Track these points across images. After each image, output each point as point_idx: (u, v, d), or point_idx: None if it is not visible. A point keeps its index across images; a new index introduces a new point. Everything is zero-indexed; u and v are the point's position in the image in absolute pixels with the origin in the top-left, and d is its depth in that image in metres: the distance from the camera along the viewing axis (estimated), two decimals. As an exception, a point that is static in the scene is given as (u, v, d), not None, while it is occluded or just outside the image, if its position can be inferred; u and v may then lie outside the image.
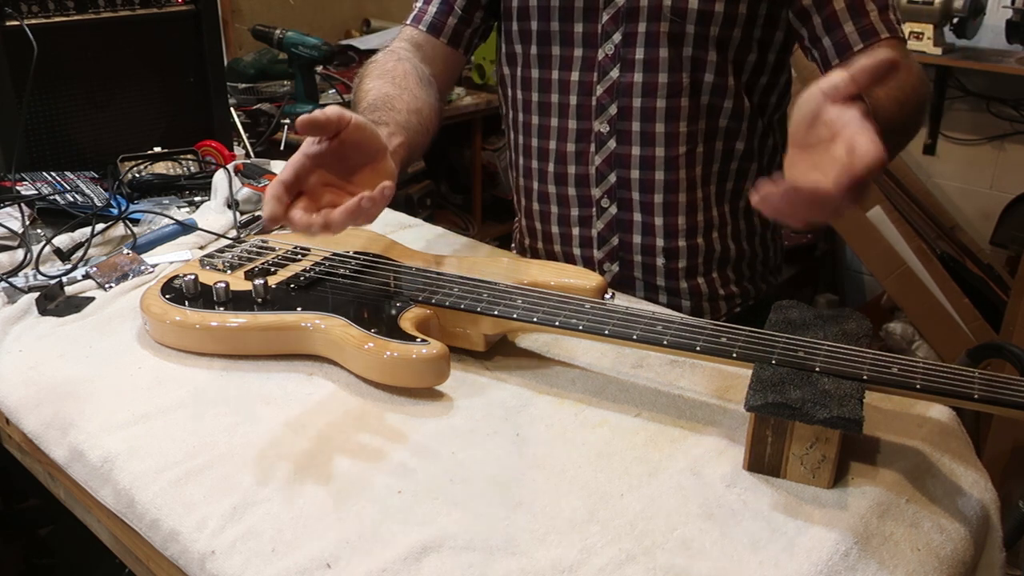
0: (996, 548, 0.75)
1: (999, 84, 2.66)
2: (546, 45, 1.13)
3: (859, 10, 1.00)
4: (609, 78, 1.09)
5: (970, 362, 0.82)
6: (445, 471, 0.75)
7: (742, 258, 1.18)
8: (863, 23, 1.00)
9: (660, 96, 1.07)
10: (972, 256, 2.72)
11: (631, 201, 1.13)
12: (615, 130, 1.10)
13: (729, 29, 1.03)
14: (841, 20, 1.01)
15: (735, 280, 1.18)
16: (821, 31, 1.02)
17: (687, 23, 1.03)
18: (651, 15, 1.04)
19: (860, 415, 0.69)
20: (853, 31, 1.00)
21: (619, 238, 1.15)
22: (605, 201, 1.14)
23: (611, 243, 1.16)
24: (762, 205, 0.70)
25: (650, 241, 1.14)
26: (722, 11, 1.02)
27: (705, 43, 1.04)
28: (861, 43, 1.00)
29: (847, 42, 1.01)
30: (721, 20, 1.02)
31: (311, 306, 0.92)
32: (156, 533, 0.72)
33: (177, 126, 1.52)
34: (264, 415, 0.82)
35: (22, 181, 1.29)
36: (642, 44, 1.06)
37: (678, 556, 0.66)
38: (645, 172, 1.10)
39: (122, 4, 1.42)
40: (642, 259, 1.15)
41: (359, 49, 2.78)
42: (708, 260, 1.15)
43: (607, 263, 1.17)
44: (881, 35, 1.00)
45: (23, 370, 0.91)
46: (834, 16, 1.01)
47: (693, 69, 1.05)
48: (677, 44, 1.05)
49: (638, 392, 0.86)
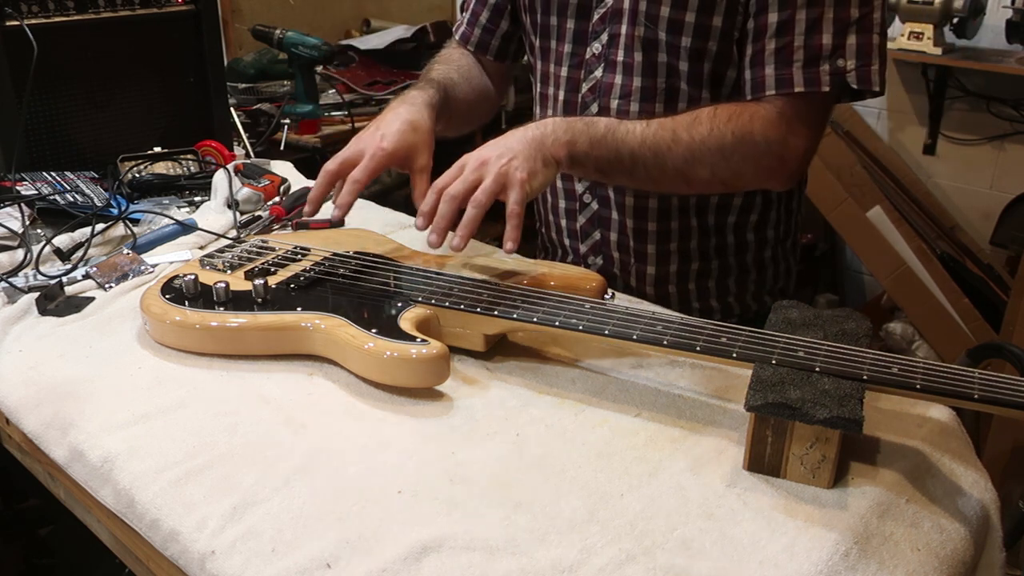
0: (996, 548, 0.75)
1: (999, 84, 2.66)
2: (546, 38, 1.15)
3: (785, 57, 0.97)
4: (593, 77, 1.10)
5: (970, 362, 0.82)
6: (445, 471, 0.75)
7: (728, 274, 1.17)
8: (782, 72, 0.97)
9: (634, 99, 1.07)
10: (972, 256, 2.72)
11: (609, 199, 1.14)
12: None
13: (703, 41, 1.02)
14: (765, 60, 0.98)
15: (717, 295, 1.17)
16: (747, 63, 1.00)
17: (659, 30, 1.03)
18: (630, 18, 1.05)
19: (860, 415, 0.69)
20: (772, 75, 0.98)
21: (600, 233, 1.17)
22: (587, 197, 1.16)
23: (593, 237, 1.18)
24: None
25: (624, 241, 1.15)
26: (692, 22, 1.01)
27: (677, 51, 1.03)
28: (774, 90, 0.97)
29: (762, 84, 0.99)
30: (692, 31, 1.01)
31: (311, 306, 0.92)
32: (156, 533, 0.72)
33: (177, 126, 1.52)
34: (264, 415, 0.82)
35: (22, 181, 1.29)
36: (622, 47, 1.06)
37: (678, 556, 0.66)
38: None
39: (122, 4, 1.42)
40: (619, 256, 1.16)
41: (359, 49, 2.78)
42: (682, 271, 1.15)
43: (591, 256, 1.19)
44: (794, 88, 0.97)
45: (23, 370, 0.91)
46: (760, 54, 0.98)
47: (668, 76, 1.05)
48: (651, 50, 1.05)
49: (638, 392, 0.86)
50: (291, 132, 2.29)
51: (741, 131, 0.97)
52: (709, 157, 0.98)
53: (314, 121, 2.32)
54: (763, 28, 0.98)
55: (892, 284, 2.53)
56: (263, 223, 1.24)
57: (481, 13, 1.25)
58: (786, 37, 0.97)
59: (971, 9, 2.52)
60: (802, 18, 0.96)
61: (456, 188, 0.93)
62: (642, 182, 1.03)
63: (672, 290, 1.15)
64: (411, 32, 2.81)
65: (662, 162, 0.98)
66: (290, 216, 1.28)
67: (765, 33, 0.98)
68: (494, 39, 1.25)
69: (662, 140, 0.98)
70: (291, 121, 2.30)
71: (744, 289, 1.18)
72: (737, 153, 0.98)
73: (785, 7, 0.96)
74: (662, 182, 1.02)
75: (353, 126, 2.36)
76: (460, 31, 1.29)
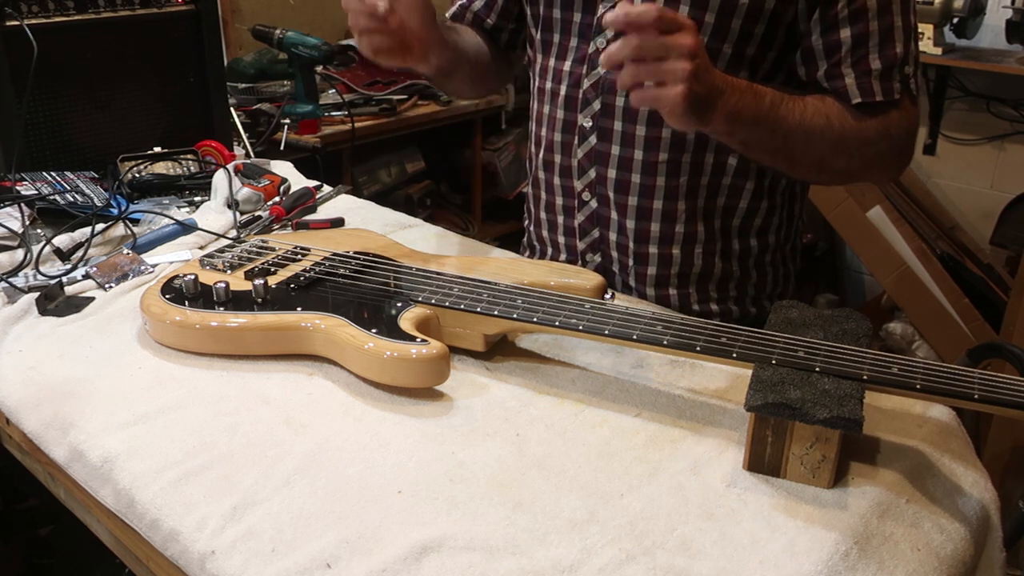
0: (996, 548, 0.75)
1: (999, 84, 2.65)
2: (549, 31, 1.14)
3: (863, 68, 0.99)
4: (596, 73, 1.09)
5: (970, 362, 0.82)
6: (445, 471, 0.75)
7: (729, 278, 1.16)
8: (863, 81, 0.99)
9: None
10: (972, 256, 2.72)
11: (608, 199, 1.13)
12: (597, 126, 1.10)
13: (718, 42, 1.01)
14: (843, 73, 0.99)
15: (716, 299, 1.16)
16: (821, 76, 1.01)
17: (708, 12, 1.00)
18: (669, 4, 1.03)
19: (860, 415, 0.69)
20: (853, 84, 0.99)
21: (598, 232, 1.16)
22: (586, 195, 1.15)
23: (592, 235, 1.17)
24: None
25: (624, 241, 1.14)
26: (712, 23, 1.00)
27: (721, 35, 1.01)
28: (860, 98, 0.99)
29: (845, 94, 1.00)
30: (710, 32, 1.01)
31: (311, 306, 0.92)
32: (156, 533, 0.72)
33: (177, 126, 1.52)
34: (264, 415, 0.82)
35: (22, 181, 1.29)
36: None
37: (678, 556, 0.66)
38: (622, 173, 1.10)
39: (122, 4, 1.42)
40: (617, 256, 1.16)
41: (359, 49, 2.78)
42: (684, 273, 1.14)
43: (589, 253, 1.18)
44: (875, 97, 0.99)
45: (23, 370, 0.91)
46: (837, 67, 0.99)
47: None
48: None
49: (638, 392, 0.86)
50: (291, 132, 2.28)
51: (883, 126, 0.99)
52: (853, 149, 1.00)
53: (314, 121, 2.32)
54: (836, 44, 0.99)
55: (892, 284, 2.53)
56: (263, 223, 1.24)
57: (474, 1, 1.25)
58: (861, 50, 0.98)
59: (971, 9, 2.51)
60: (875, 29, 0.98)
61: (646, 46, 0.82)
62: (779, 162, 1.02)
63: (672, 292, 1.15)
64: (411, 32, 2.81)
65: (809, 148, 0.98)
66: (290, 216, 1.28)
67: (840, 48, 0.99)
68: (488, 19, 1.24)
69: (815, 126, 0.97)
70: (291, 121, 2.30)
71: (744, 293, 1.18)
72: (878, 148, 1.01)
73: (857, 21, 0.98)
74: (797, 166, 1.03)
75: (353, 126, 2.36)
76: (451, 11, 1.27)
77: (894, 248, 2.50)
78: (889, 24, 0.97)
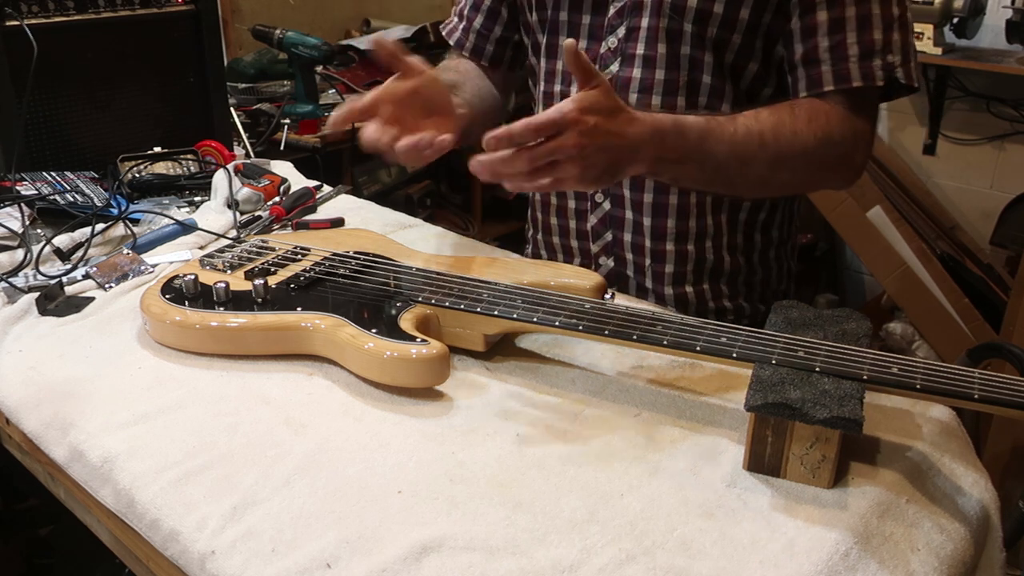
0: (996, 548, 0.75)
1: (999, 84, 2.66)
2: (554, 35, 1.14)
3: (840, 53, 0.98)
4: (609, 72, 1.09)
5: (970, 362, 0.82)
6: (445, 471, 0.75)
7: (738, 273, 1.16)
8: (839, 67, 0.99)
9: (656, 93, 1.07)
10: (972, 256, 2.72)
11: (623, 198, 1.13)
12: None
13: (728, 32, 1.02)
14: (820, 57, 0.99)
15: (728, 295, 1.17)
16: (798, 60, 1.01)
17: (684, 21, 1.03)
18: (653, 11, 1.04)
19: (860, 415, 0.69)
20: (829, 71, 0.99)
21: (612, 234, 1.16)
22: (599, 196, 1.15)
23: (605, 238, 1.16)
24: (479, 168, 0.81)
25: (640, 240, 1.14)
26: (721, 13, 1.01)
27: (702, 43, 1.03)
28: (833, 85, 0.99)
29: (820, 80, 1.00)
30: (720, 22, 1.02)
31: (311, 306, 0.92)
32: (156, 533, 0.72)
33: (177, 126, 1.52)
34: (264, 415, 0.82)
35: (22, 181, 1.29)
36: (643, 40, 1.06)
37: (678, 556, 0.66)
38: None
39: (122, 4, 1.42)
40: (633, 257, 1.15)
41: (359, 49, 2.78)
42: (698, 269, 1.14)
43: (602, 257, 1.18)
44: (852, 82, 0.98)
45: (23, 370, 0.91)
46: (814, 51, 1.00)
47: (690, 68, 1.05)
48: (675, 41, 1.04)
49: (638, 392, 0.86)
50: (291, 132, 2.29)
51: (822, 133, 0.98)
52: (792, 162, 0.99)
53: (314, 121, 2.32)
54: (813, 26, 0.99)
55: (892, 284, 2.53)
56: (263, 223, 1.24)
57: (475, 19, 1.24)
58: (839, 35, 0.98)
59: (971, 9, 2.51)
60: (852, 15, 0.98)
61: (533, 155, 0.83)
62: (716, 188, 1.02)
63: (689, 290, 1.15)
64: (411, 32, 2.81)
65: (746, 171, 0.98)
66: (290, 216, 1.28)
67: (817, 31, 0.99)
68: (488, 44, 1.24)
69: (748, 149, 0.96)
70: (291, 121, 2.30)
71: (752, 289, 1.18)
72: (818, 156, 0.99)
73: (834, 5, 0.98)
74: (739, 188, 1.02)
75: (353, 126, 2.35)
76: (454, 38, 1.27)
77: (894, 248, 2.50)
78: (867, 11, 0.98)
